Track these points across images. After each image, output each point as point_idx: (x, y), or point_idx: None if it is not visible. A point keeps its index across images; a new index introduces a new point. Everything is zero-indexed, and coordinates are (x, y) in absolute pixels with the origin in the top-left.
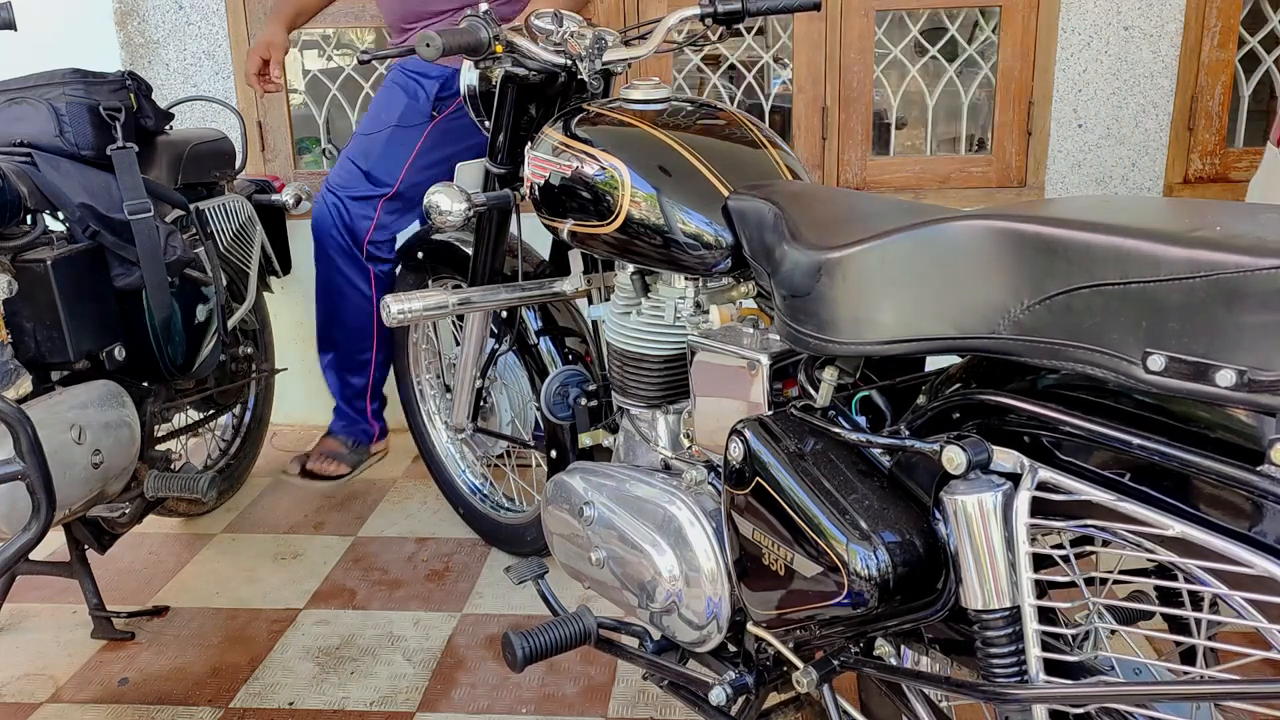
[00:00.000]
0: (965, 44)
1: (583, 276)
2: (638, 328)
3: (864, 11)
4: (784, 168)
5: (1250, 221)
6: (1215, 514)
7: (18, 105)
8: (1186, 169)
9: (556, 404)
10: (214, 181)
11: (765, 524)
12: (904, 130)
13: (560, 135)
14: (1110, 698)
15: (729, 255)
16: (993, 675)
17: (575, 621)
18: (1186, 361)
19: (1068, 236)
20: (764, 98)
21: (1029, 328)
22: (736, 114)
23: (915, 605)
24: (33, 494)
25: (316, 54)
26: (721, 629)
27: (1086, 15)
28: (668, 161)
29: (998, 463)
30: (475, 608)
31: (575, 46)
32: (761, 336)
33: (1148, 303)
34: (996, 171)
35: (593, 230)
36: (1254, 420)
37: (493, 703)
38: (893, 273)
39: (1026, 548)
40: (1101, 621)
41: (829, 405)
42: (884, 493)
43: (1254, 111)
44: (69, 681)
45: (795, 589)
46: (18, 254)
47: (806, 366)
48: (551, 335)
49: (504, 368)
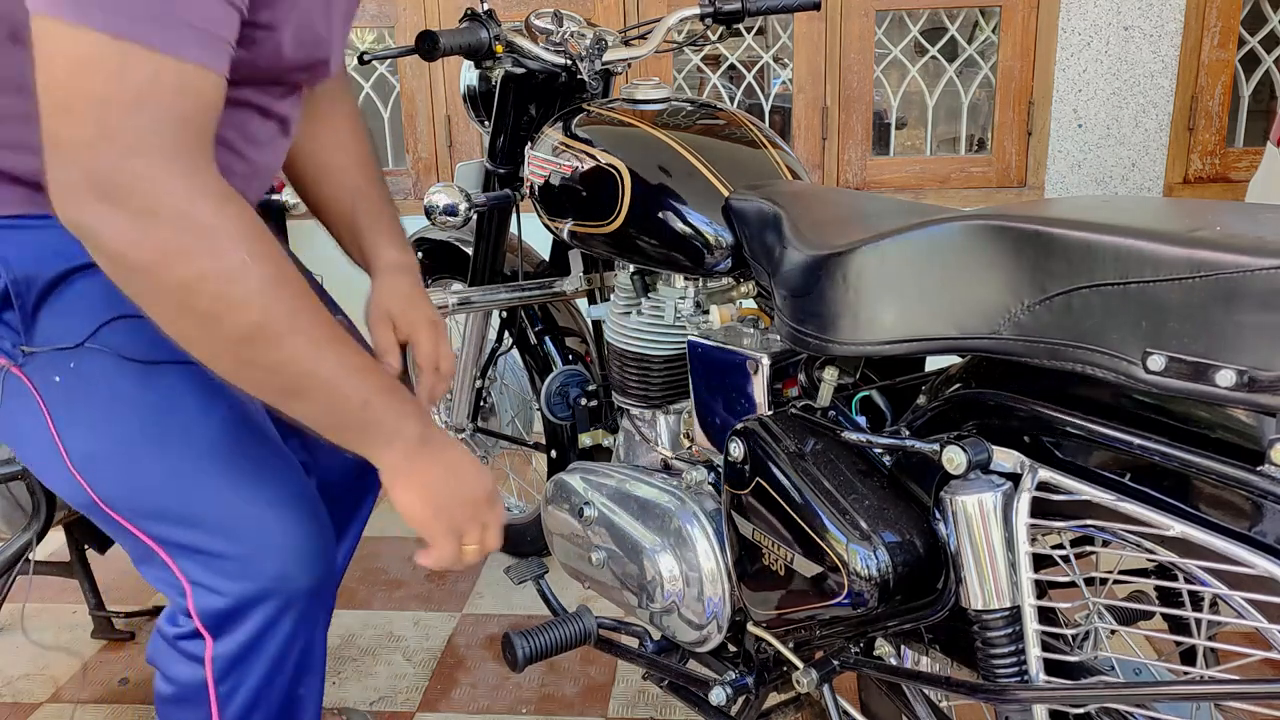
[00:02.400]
0: (965, 44)
1: (583, 276)
2: (638, 328)
3: (864, 11)
4: (784, 168)
5: (1250, 221)
6: (1215, 514)
7: None
8: (1186, 169)
9: (556, 404)
10: None
11: (765, 524)
12: (904, 130)
13: (560, 135)
14: (1110, 698)
15: (729, 255)
16: (993, 675)
17: (575, 621)
18: (1186, 361)
19: (1068, 236)
20: (764, 98)
21: (1029, 328)
22: (736, 114)
23: (915, 605)
24: (33, 494)
25: None
26: (721, 629)
27: (1086, 15)
28: (668, 161)
29: (998, 463)
30: (475, 608)
31: (575, 46)
32: (761, 336)
33: (1148, 303)
34: (996, 171)
35: (593, 230)
36: (1254, 420)
37: (493, 703)
38: (893, 273)
39: (1026, 548)
40: (1101, 621)
41: (829, 405)
42: (884, 493)
43: (1254, 111)
44: (69, 681)
45: (795, 589)
46: None
47: (807, 366)
48: (551, 335)
49: (504, 368)
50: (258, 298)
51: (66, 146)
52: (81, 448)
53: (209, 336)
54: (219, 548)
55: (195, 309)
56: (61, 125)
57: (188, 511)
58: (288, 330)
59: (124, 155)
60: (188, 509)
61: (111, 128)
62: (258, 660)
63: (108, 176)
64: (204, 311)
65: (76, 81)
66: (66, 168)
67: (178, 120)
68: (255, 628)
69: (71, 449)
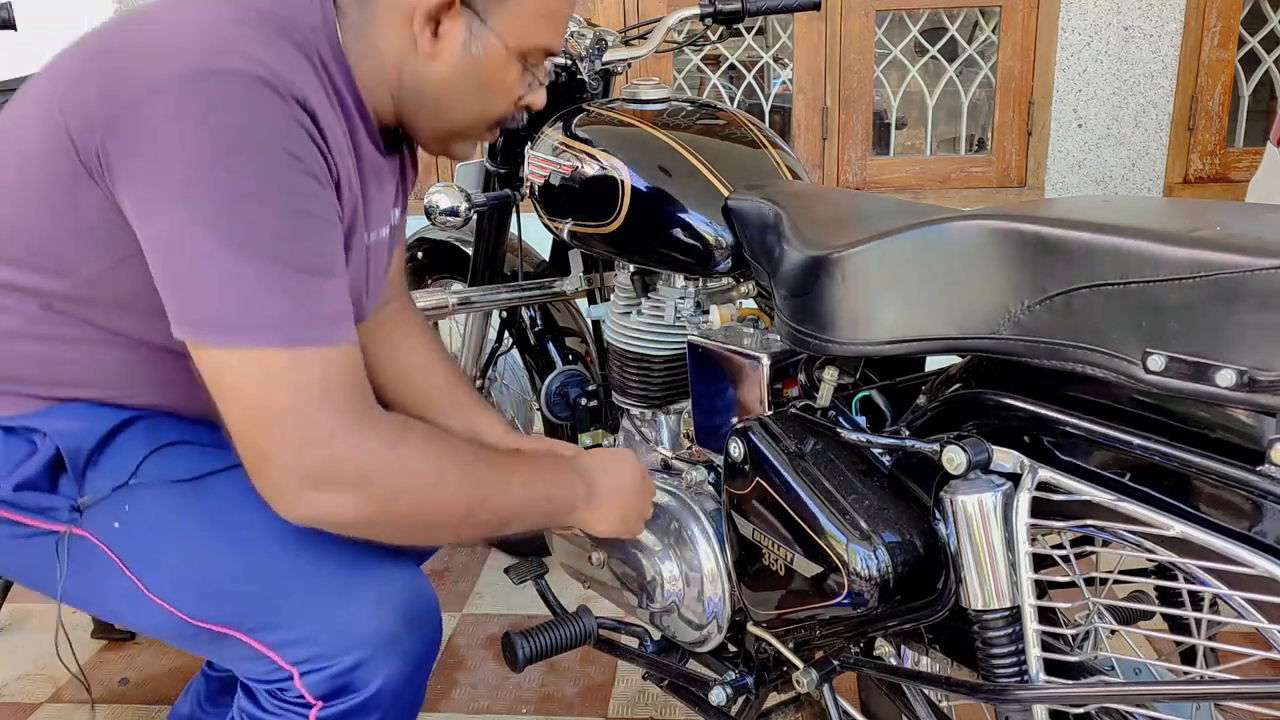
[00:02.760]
0: (965, 44)
1: (583, 276)
2: (638, 328)
3: (864, 11)
4: (784, 168)
5: (1250, 221)
6: (1215, 514)
7: None
8: (1186, 169)
9: (556, 404)
10: None
11: (765, 524)
12: (904, 130)
13: (560, 135)
14: (1110, 698)
15: (729, 255)
16: (993, 675)
17: (575, 621)
18: (1186, 361)
19: (1068, 236)
20: (764, 98)
21: (1029, 328)
22: (736, 114)
23: (915, 605)
24: None
25: None
26: (721, 629)
27: (1086, 15)
28: (668, 161)
29: (998, 463)
30: (475, 608)
31: (575, 46)
32: (761, 336)
33: (1148, 303)
34: (996, 171)
35: (593, 230)
36: (1254, 420)
37: (493, 703)
38: (893, 273)
39: (1026, 548)
40: (1101, 621)
41: (829, 405)
42: (884, 493)
43: (1254, 111)
44: (69, 681)
45: (795, 589)
46: None
47: (807, 366)
48: (551, 335)
49: (504, 368)
50: (460, 492)
51: (276, 456)
52: (157, 576)
53: (438, 531)
54: (314, 627)
55: (422, 522)
56: (265, 439)
57: (275, 601)
58: (486, 495)
59: (325, 444)
60: (273, 599)
61: (309, 427)
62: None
63: (319, 468)
64: (429, 521)
65: (269, 398)
66: (283, 474)
67: (350, 392)
68: (363, 690)
69: (148, 581)
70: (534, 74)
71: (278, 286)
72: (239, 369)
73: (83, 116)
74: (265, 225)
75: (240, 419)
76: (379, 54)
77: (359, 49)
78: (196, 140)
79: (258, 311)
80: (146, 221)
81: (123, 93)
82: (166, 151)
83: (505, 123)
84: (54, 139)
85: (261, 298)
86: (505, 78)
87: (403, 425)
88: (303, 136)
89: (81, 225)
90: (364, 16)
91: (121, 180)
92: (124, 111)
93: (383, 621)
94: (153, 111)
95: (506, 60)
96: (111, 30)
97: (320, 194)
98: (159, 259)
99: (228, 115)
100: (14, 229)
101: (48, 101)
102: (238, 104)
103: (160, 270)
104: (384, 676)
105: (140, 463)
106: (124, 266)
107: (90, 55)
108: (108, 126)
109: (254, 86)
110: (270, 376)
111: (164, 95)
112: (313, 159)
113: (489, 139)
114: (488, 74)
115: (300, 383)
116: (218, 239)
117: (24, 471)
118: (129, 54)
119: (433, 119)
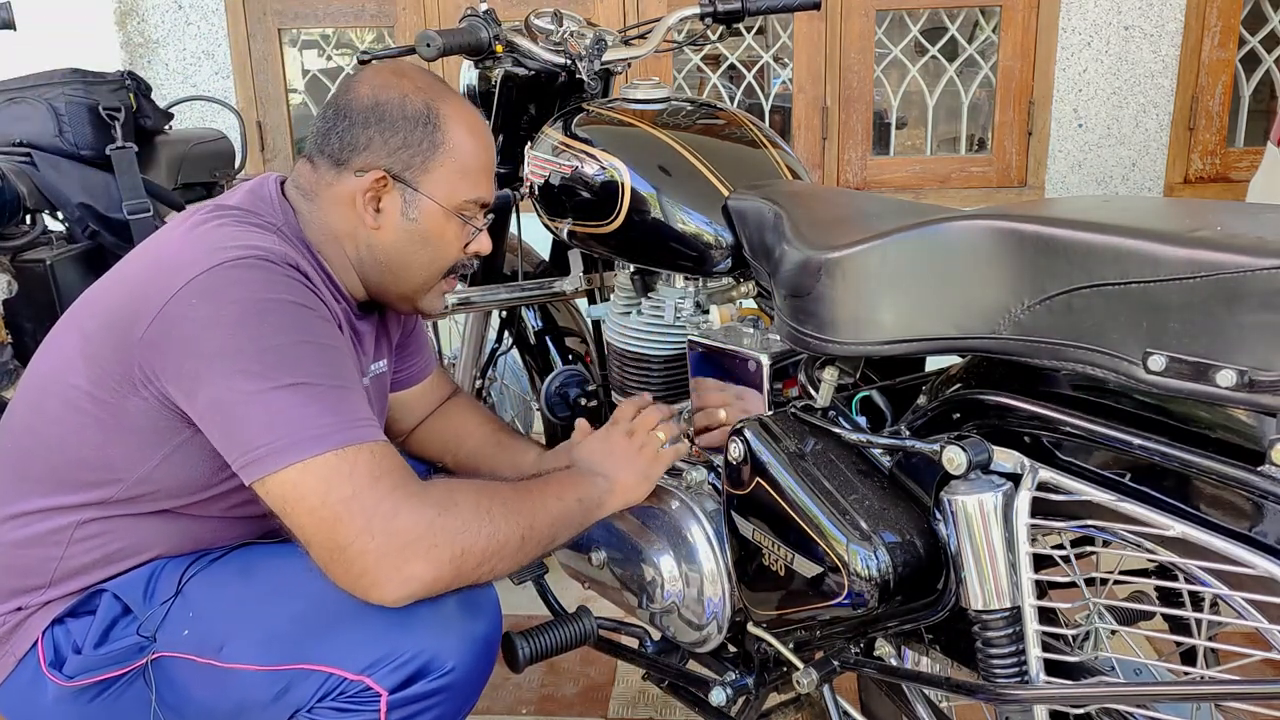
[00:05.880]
0: (965, 44)
1: (583, 276)
2: (638, 328)
3: (864, 11)
4: (784, 168)
5: (1250, 221)
6: (1216, 514)
7: (17, 105)
8: (1186, 169)
9: (556, 404)
10: (213, 181)
11: (765, 524)
12: (904, 130)
13: (560, 135)
14: (1110, 698)
15: (729, 255)
16: (993, 675)
17: (575, 622)
18: (1187, 361)
19: (1068, 236)
20: (764, 98)
21: (1029, 328)
22: (736, 114)
23: (915, 605)
24: None
25: (316, 54)
26: (721, 629)
27: (1086, 15)
28: (668, 161)
29: (998, 463)
30: None
31: (575, 46)
32: (761, 336)
33: (1148, 303)
34: (996, 171)
35: (593, 230)
36: (1254, 420)
37: (493, 703)
38: (893, 273)
39: (1027, 548)
40: (1102, 622)
41: (829, 405)
42: (884, 493)
43: (1254, 111)
44: None
45: (795, 589)
46: (17, 254)
47: (807, 366)
48: (551, 335)
49: (504, 368)
50: (511, 525)
51: (352, 543)
52: (228, 646)
53: (503, 565)
54: (376, 630)
55: (489, 564)
56: (338, 533)
57: (336, 624)
58: (532, 521)
59: (391, 518)
60: (334, 622)
61: (372, 506)
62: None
63: (392, 544)
64: (494, 560)
65: (331, 495)
66: (363, 558)
67: (396, 474)
68: (430, 682)
69: (223, 654)
70: (473, 224)
71: (315, 404)
72: (300, 482)
73: (112, 344)
74: (294, 360)
75: (311, 525)
76: (335, 238)
77: (319, 238)
78: (219, 317)
79: (304, 428)
80: (194, 396)
81: (146, 310)
82: (196, 335)
83: (459, 269)
84: (94, 368)
85: (305, 417)
86: (445, 234)
87: (446, 487)
88: (306, 291)
89: (129, 431)
90: (315, 208)
91: (166, 374)
92: (153, 323)
93: (441, 612)
94: (177, 312)
95: (444, 218)
96: (119, 269)
97: (332, 329)
98: (212, 422)
99: (240, 290)
100: (69, 456)
101: (80, 339)
102: (245, 280)
103: (216, 431)
104: (453, 660)
105: (186, 570)
106: (165, 463)
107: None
108: (141, 342)
109: (255, 264)
110: (327, 478)
111: (183, 296)
112: (318, 305)
113: (450, 286)
114: (429, 232)
115: (355, 474)
116: (256, 383)
117: (96, 632)
118: (140, 282)
119: (395, 281)
